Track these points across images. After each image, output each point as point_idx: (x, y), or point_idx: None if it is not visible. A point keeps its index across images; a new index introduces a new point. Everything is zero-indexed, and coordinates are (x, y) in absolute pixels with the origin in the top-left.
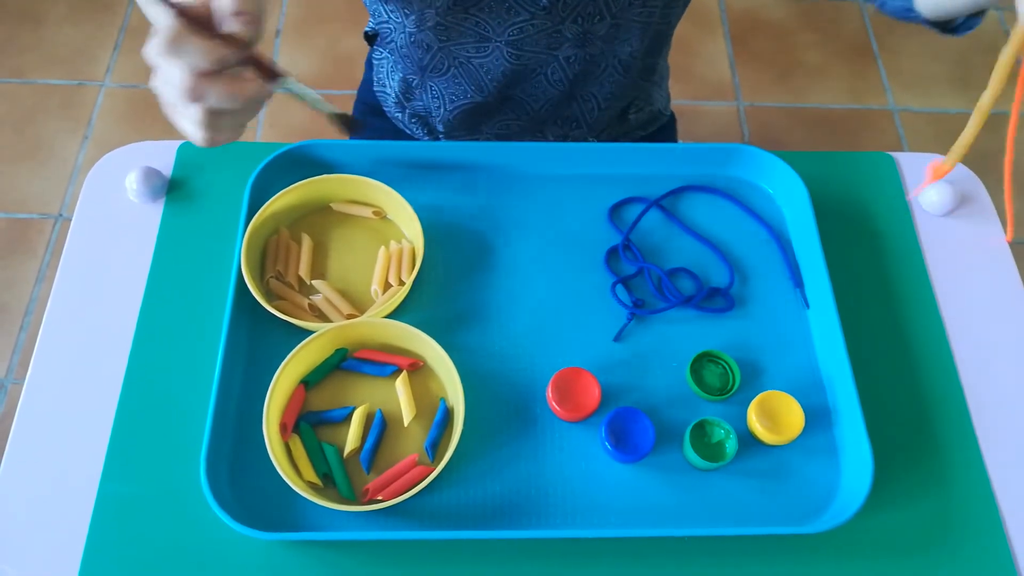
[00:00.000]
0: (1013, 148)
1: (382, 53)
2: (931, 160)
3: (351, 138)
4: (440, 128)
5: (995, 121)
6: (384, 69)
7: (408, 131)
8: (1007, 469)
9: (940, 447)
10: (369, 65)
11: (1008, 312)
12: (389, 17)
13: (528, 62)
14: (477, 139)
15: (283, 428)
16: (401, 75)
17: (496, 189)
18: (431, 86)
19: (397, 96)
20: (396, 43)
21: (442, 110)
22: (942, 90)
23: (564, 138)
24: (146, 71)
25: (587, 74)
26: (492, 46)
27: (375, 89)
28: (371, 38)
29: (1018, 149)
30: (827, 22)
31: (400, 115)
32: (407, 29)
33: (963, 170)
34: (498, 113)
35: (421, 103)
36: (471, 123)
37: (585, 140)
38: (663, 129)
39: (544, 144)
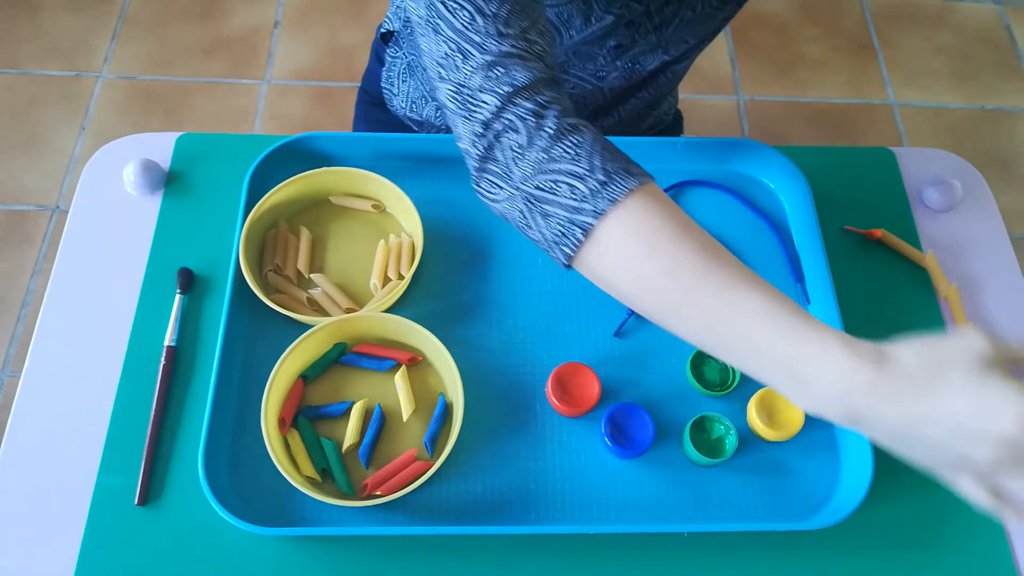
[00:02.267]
0: None
1: (396, 53)
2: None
3: None
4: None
5: (996, 118)
6: (396, 70)
7: (411, 126)
8: None
9: None
10: (377, 59)
11: (1009, 307)
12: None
13: (571, 91)
14: None
15: (281, 423)
16: (412, 85)
17: None
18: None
19: (405, 100)
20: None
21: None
22: (942, 85)
23: None
24: (144, 61)
25: (615, 100)
26: None
27: (383, 85)
28: (385, 36)
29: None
30: (828, 16)
31: (403, 115)
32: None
33: (965, 165)
34: None
35: (429, 112)
36: None
37: None
38: (669, 127)
39: None
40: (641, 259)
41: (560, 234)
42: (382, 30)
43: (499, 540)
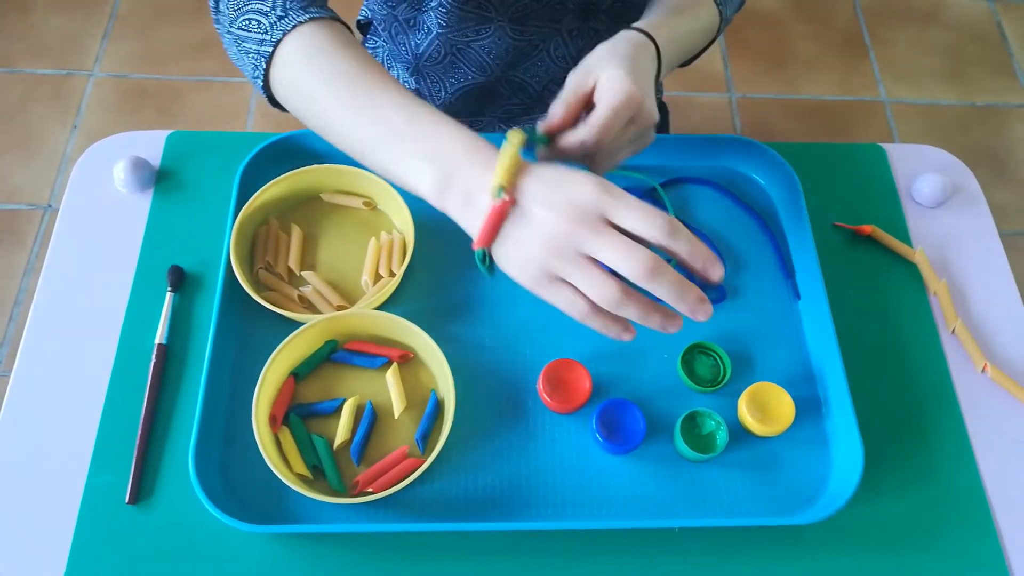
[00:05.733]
0: None
1: (376, 42)
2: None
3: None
4: None
5: (987, 114)
6: (379, 58)
7: None
8: (996, 459)
9: (930, 438)
10: None
11: (998, 303)
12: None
13: (531, 37)
14: (479, 123)
15: (273, 420)
16: (397, 63)
17: None
18: (428, 73)
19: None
20: (391, 32)
21: (442, 93)
22: (934, 82)
23: None
24: (136, 60)
25: (589, 49)
26: (494, 26)
27: None
28: (363, 27)
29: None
30: (819, 13)
31: None
32: (403, 16)
33: (954, 161)
34: (500, 96)
35: (418, 89)
36: (474, 107)
37: None
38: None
39: None
40: (305, 74)
41: (254, 66)
42: (359, 19)
43: (490, 536)
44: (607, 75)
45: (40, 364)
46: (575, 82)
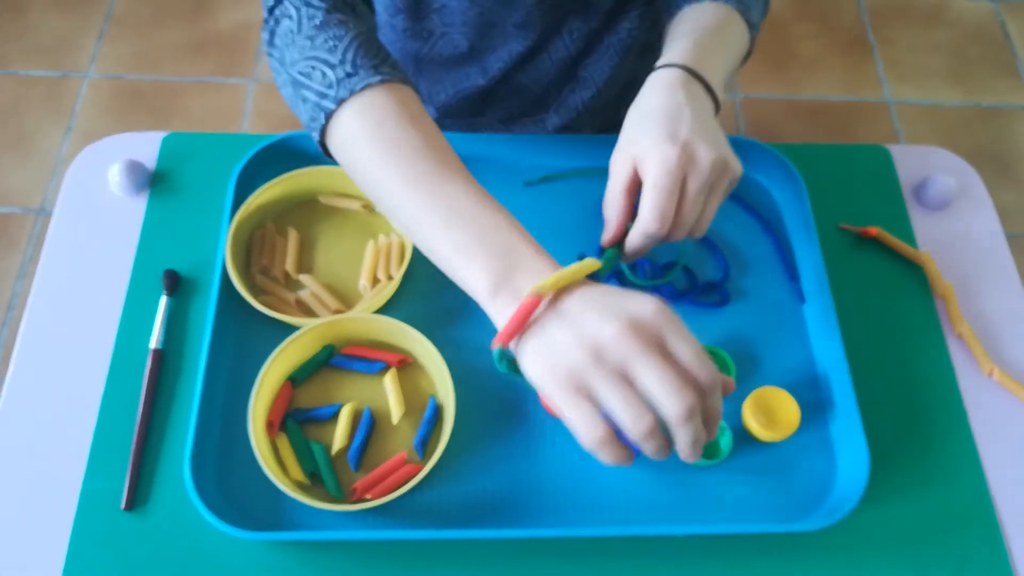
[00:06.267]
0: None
1: None
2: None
3: None
4: (434, 114)
5: (992, 115)
6: None
7: None
8: (1003, 464)
9: (936, 443)
10: None
11: (1005, 305)
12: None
13: (534, 40)
14: (478, 123)
15: (269, 426)
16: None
17: (487, 181)
18: (428, 73)
19: None
20: (388, 38)
21: (442, 95)
22: (938, 82)
23: (564, 128)
24: (132, 61)
25: (589, 51)
26: (497, 30)
27: None
28: None
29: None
30: (823, 14)
31: None
32: (401, 26)
33: (959, 163)
34: (500, 99)
35: (418, 89)
36: (473, 108)
37: (582, 131)
38: None
39: (536, 136)
40: (363, 143)
41: (311, 118)
42: None
43: (490, 544)
44: (641, 148)
45: (34, 369)
46: (614, 172)
